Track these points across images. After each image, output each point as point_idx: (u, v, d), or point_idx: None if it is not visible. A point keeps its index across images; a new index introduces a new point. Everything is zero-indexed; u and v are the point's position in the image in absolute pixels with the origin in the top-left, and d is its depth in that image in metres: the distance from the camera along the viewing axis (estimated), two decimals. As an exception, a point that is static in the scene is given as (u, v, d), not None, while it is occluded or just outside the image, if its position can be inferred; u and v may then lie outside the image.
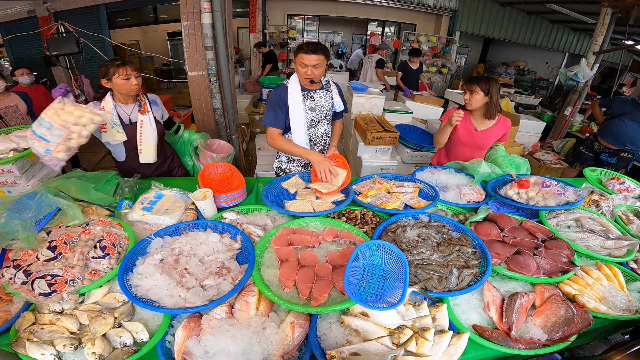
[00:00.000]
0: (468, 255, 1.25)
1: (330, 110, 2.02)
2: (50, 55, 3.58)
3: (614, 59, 7.61)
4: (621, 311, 1.16)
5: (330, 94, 1.98)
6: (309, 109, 1.91)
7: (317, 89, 1.93)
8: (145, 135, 1.87)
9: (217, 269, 1.14)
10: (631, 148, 3.21)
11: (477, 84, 1.96)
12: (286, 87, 1.88)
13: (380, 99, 3.91)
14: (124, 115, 1.82)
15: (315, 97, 1.92)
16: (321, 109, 1.95)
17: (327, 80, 2.00)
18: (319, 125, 2.00)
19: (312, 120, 1.95)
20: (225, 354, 0.89)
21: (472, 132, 2.12)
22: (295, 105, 1.86)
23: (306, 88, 1.89)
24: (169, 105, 5.74)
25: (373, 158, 3.37)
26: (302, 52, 1.71)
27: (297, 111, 1.87)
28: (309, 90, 1.90)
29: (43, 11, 5.59)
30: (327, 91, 1.97)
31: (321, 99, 1.94)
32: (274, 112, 1.88)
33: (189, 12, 2.85)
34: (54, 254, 1.10)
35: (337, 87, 2.03)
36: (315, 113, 1.94)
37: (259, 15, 7.28)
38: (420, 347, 0.92)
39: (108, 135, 1.76)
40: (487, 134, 2.10)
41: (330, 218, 1.48)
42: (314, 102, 1.92)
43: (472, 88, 1.98)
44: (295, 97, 1.85)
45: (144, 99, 1.88)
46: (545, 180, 1.70)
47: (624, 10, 4.14)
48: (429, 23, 8.76)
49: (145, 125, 1.86)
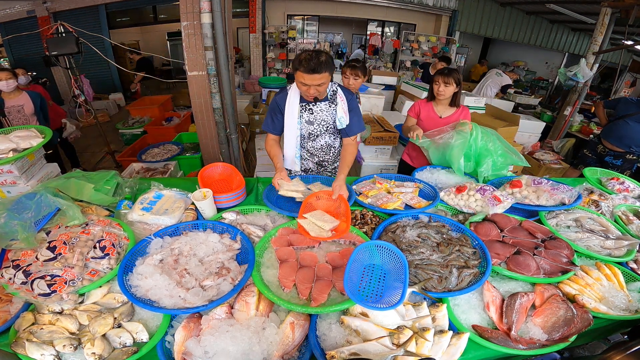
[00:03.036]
0: (468, 256, 1.25)
1: (332, 125, 1.82)
2: (49, 55, 3.57)
3: (614, 59, 7.61)
4: (621, 311, 1.16)
5: (335, 107, 1.76)
6: (306, 122, 1.78)
7: (319, 101, 1.75)
8: None
9: (217, 269, 1.14)
10: (636, 150, 3.16)
11: (451, 77, 2.05)
12: (287, 94, 1.74)
13: (380, 99, 3.92)
14: None
15: (314, 110, 1.76)
16: (321, 122, 1.79)
17: (333, 91, 1.75)
18: (319, 139, 1.87)
19: (310, 133, 1.83)
20: (225, 354, 0.89)
21: (437, 121, 2.20)
22: (290, 117, 1.75)
23: (305, 99, 1.73)
24: (169, 105, 5.73)
25: (373, 158, 3.37)
26: (301, 71, 1.49)
27: (291, 124, 1.77)
28: (308, 103, 1.74)
29: (43, 11, 5.59)
30: (331, 104, 1.76)
31: (321, 112, 1.76)
32: (272, 119, 1.81)
33: (189, 12, 2.85)
34: (54, 254, 1.10)
35: (347, 99, 1.75)
36: (314, 127, 1.80)
37: (258, 15, 7.28)
38: (420, 348, 0.92)
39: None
40: (450, 120, 2.19)
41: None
42: (312, 116, 1.77)
43: (448, 81, 2.05)
44: (291, 109, 1.73)
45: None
46: (536, 179, 1.72)
47: (623, 10, 4.13)
48: (428, 23, 8.76)
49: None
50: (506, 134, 3.77)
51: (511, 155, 1.90)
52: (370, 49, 9.03)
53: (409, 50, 8.69)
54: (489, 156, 1.89)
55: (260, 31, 7.46)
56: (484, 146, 1.89)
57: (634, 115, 3.07)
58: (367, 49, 9.15)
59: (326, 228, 1.30)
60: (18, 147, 1.66)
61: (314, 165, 2.00)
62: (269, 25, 7.69)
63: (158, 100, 5.46)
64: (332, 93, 1.75)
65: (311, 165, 2.00)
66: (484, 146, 1.89)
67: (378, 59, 8.99)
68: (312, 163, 1.99)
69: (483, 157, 1.91)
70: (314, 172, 2.02)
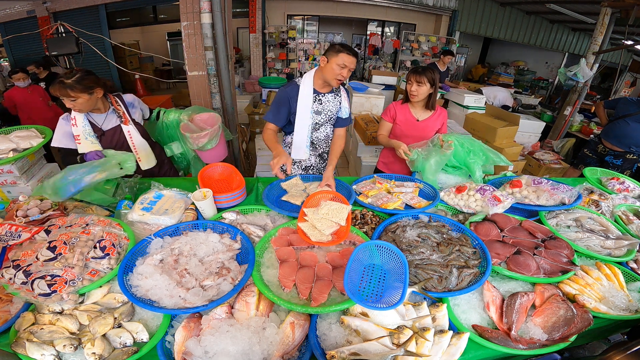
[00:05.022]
0: (468, 255, 1.25)
1: (335, 115, 1.97)
2: (50, 55, 3.58)
3: (614, 59, 7.61)
4: (621, 311, 1.16)
5: (340, 98, 1.93)
6: (315, 112, 1.87)
7: (327, 92, 1.88)
8: (138, 144, 1.85)
9: (217, 269, 1.14)
10: (636, 150, 3.16)
11: (424, 75, 1.93)
12: (297, 86, 1.83)
13: (380, 99, 3.92)
14: (98, 125, 1.76)
15: (323, 101, 1.87)
16: (327, 112, 1.91)
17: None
18: (322, 129, 1.97)
19: (317, 123, 1.92)
20: (225, 354, 0.89)
21: (415, 124, 2.12)
22: (304, 106, 1.83)
23: (317, 90, 1.84)
24: (169, 105, 5.74)
25: (373, 158, 3.37)
26: (344, 53, 1.65)
27: (304, 113, 1.84)
28: (319, 93, 1.85)
29: (43, 11, 5.58)
30: (336, 95, 1.92)
31: (329, 102, 1.89)
32: (277, 110, 1.86)
33: (189, 12, 2.85)
34: (54, 254, 1.09)
35: (347, 93, 1.97)
36: (321, 117, 1.90)
37: (258, 15, 7.28)
38: (420, 347, 0.92)
39: (83, 147, 1.71)
40: (428, 123, 2.12)
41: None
42: (320, 106, 1.87)
43: (420, 80, 1.94)
44: (305, 98, 1.82)
45: (120, 108, 1.80)
46: (536, 178, 1.71)
47: (623, 10, 4.14)
48: (428, 23, 8.76)
49: (133, 136, 1.83)
50: (506, 134, 3.79)
51: (492, 157, 1.88)
52: (370, 49, 9.03)
53: (409, 50, 8.70)
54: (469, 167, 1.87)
55: (260, 31, 7.47)
56: (464, 161, 1.89)
57: (634, 115, 3.08)
58: (367, 49, 9.15)
59: (326, 232, 1.29)
60: (18, 147, 1.66)
61: (317, 158, 2.09)
62: (269, 25, 7.69)
63: (158, 101, 5.46)
64: (337, 87, 1.91)
65: (314, 160, 2.08)
66: (464, 161, 1.89)
67: (378, 59, 9.00)
68: (314, 157, 2.07)
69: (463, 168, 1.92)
70: (315, 169, 2.12)
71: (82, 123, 1.69)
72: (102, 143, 1.76)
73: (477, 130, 4.02)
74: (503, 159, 1.87)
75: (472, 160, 1.84)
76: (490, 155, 1.87)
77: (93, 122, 1.74)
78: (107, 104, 1.78)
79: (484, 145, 1.90)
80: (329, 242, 1.26)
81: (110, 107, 1.79)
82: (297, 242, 1.29)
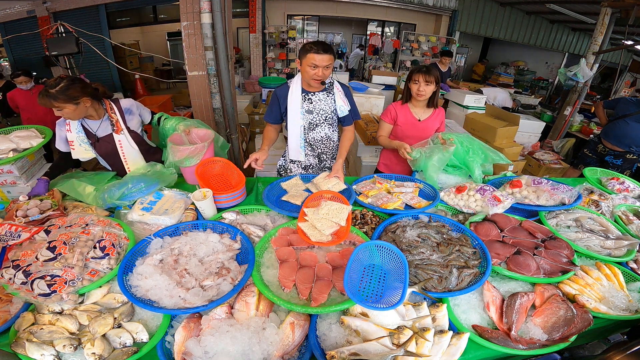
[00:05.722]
0: (468, 256, 1.25)
1: (333, 114, 1.95)
2: (50, 55, 3.58)
3: (614, 59, 7.61)
4: (621, 311, 1.16)
5: (333, 96, 1.89)
6: (306, 112, 1.87)
7: (318, 91, 1.87)
8: (128, 154, 1.79)
9: (217, 269, 1.14)
10: (636, 150, 3.16)
11: (432, 75, 1.91)
12: (288, 87, 1.87)
13: (380, 99, 3.92)
14: (92, 132, 1.71)
15: (313, 100, 1.86)
16: (319, 112, 1.89)
17: (330, 82, 1.90)
18: (318, 129, 1.95)
19: (310, 123, 1.91)
20: (225, 354, 0.89)
21: (416, 124, 2.10)
22: (294, 107, 1.84)
23: (305, 90, 1.85)
24: (169, 105, 5.74)
25: (373, 158, 3.37)
26: (312, 53, 1.63)
27: (294, 113, 1.86)
28: (307, 92, 1.85)
29: (43, 11, 5.58)
30: (329, 93, 1.89)
31: (320, 101, 1.88)
32: (270, 108, 1.94)
33: (189, 12, 2.85)
34: (54, 255, 1.09)
35: (343, 90, 1.92)
36: (313, 116, 1.89)
37: (258, 15, 7.27)
38: (420, 348, 0.92)
39: (77, 153, 1.69)
40: (429, 123, 2.11)
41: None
42: (311, 105, 1.87)
43: (429, 79, 1.92)
44: (294, 99, 1.83)
45: (115, 116, 1.72)
46: (536, 179, 1.71)
47: (623, 10, 4.14)
48: (428, 23, 8.76)
49: (124, 145, 1.76)
50: (506, 134, 3.78)
51: (492, 155, 1.87)
52: (370, 49, 9.03)
53: (409, 50, 8.69)
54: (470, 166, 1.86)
55: (260, 31, 7.46)
56: (463, 160, 1.88)
57: (634, 115, 3.08)
58: (367, 49, 9.15)
59: (326, 232, 1.28)
60: (18, 147, 1.66)
61: (315, 159, 2.08)
62: (269, 25, 7.69)
63: (158, 101, 5.46)
64: (329, 84, 1.90)
65: (312, 160, 2.08)
66: (463, 160, 1.88)
67: (378, 59, 8.99)
68: (312, 157, 2.07)
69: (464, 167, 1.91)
70: (314, 169, 2.10)
71: (76, 129, 1.66)
72: (97, 150, 1.72)
73: (477, 130, 4.02)
74: (502, 157, 1.87)
75: (472, 159, 1.84)
76: (490, 154, 1.86)
77: (88, 128, 1.70)
78: (102, 110, 1.71)
79: (483, 143, 1.90)
80: (329, 242, 1.25)
81: (104, 114, 1.72)
82: (297, 242, 1.29)
